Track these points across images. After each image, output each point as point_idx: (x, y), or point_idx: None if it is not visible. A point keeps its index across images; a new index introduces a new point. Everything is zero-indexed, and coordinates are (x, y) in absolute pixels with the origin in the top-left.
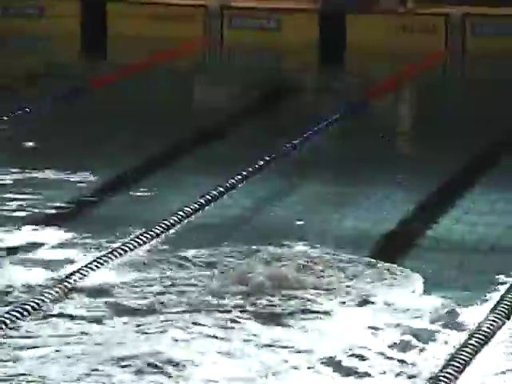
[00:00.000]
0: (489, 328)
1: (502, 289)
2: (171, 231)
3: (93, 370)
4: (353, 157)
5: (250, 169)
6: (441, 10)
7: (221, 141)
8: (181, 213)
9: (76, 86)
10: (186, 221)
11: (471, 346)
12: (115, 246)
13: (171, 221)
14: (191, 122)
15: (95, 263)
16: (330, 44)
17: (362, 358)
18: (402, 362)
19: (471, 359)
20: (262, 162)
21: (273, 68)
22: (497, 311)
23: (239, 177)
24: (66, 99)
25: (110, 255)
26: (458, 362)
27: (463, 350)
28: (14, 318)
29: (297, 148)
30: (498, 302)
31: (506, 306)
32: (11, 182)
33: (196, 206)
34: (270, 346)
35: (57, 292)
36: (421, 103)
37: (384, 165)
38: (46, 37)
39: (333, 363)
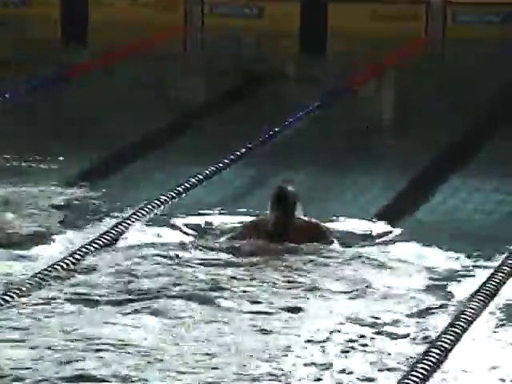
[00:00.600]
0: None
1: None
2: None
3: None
4: (334, 144)
5: (231, 156)
6: None
7: (200, 128)
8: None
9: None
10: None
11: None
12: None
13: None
14: (170, 110)
15: None
16: (311, 31)
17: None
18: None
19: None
20: (243, 150)
21: (254, 55)
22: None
23: (218, 165)
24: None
25: None
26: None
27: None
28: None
29: (276, 135)
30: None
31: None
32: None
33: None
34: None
35: None
36: (402, 90)
37: (366, 153)
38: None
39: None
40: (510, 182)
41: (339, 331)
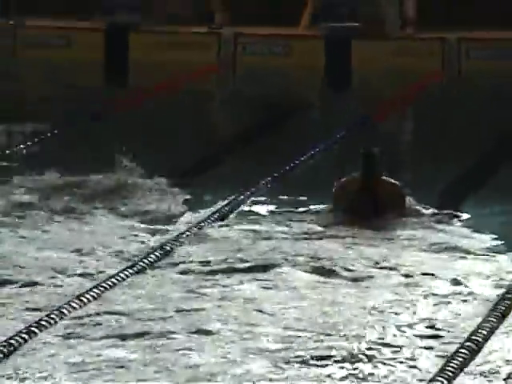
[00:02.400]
0: None
1: None
2: None
3: None
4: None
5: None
6: (438, 35)
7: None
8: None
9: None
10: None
11: None
12: None
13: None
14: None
15: None
16: (336, 68)
17: None
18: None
19: None
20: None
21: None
22: None
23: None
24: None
25: None
26: None
27: None
28: None
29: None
30: None
31: None
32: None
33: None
34: None
35: None
36: (422, 121)
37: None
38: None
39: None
40: None
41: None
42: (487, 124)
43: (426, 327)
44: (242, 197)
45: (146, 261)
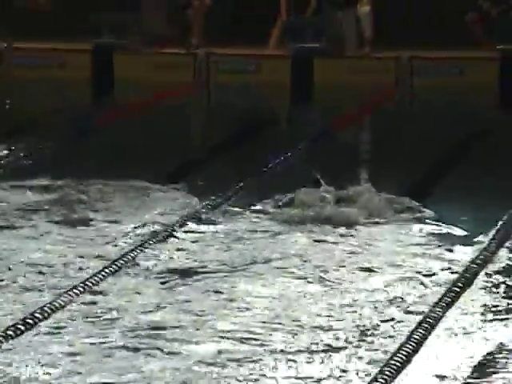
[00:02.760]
0: None
1: None
2: None
3: None
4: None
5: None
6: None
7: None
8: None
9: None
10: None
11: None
12: None
13: None
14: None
15: None
16: (300, 84)
17: None
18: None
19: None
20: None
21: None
22: None
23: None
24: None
25: None
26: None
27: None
28: None
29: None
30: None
31: None
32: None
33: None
34: None
35: None
36: (376, 132)
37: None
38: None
39: None
40: None
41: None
42: (436, 136)
43: (397, 310)
44: (220, 200)
45: (123, 262)
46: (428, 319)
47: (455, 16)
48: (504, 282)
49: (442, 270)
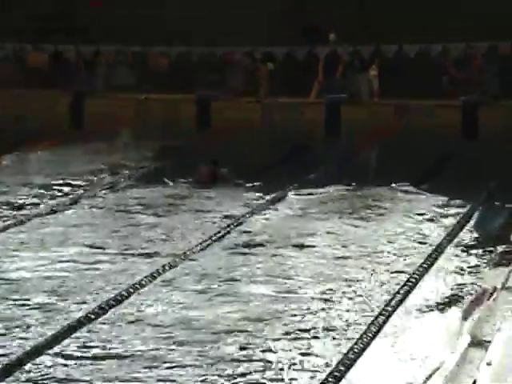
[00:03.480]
0: None
1: None
2: None
3: None
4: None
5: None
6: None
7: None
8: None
9: None
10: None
11: None
12: None
13: None
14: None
15: None
16: (332, 123)
17: None
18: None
19: None
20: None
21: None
22: None
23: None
24: None
25: None
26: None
27: None
28: None
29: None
30: None
31: None
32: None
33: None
34: None
35: None
36: (383, 151)
37: None
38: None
39: None
40: None
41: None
42: (420, 152)
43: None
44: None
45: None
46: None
47: (433, 76)
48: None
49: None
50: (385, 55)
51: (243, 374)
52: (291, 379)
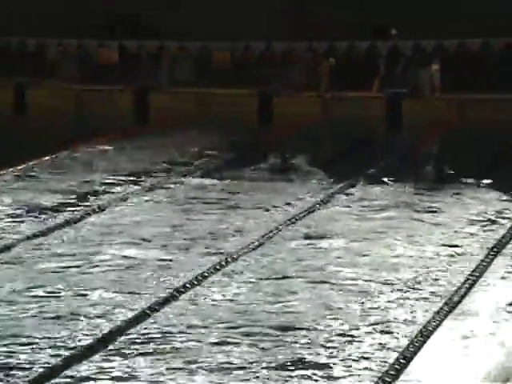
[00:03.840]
0: None
1: None
2: None
3: None
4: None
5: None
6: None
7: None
8: None
9: None
10: None
11: None
12: None
13: None
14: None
15: None
16: (394, 116)
17: None
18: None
19: None
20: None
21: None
22: None
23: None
24: None
25: None
26: None
27: None
28: None
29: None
30: None
31: None
32: None
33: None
34: None
35: None
36: (442, 144)
37: None
38: None
39: None
40: None
41: None
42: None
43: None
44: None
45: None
46: None
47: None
48: None
49: None
50: (446, 50)
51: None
52: (340, 377)
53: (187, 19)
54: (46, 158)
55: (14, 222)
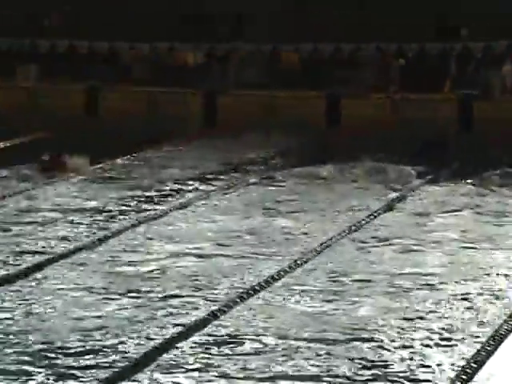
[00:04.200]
0: None
1: None
2: None
3: None
4: None
5: None
6: None
7: None
8: None
9: None
10: None
11: None
12: None
13: None
14: None
15: None
16: (465, 118)
17: None
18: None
19: None
20: None
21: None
22: None
23: None
24: None
25: None
26: None
27: None
28: None
29: None
30: None
31: None
32: None
33: None
34: None
35: None
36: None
37: None
38: None
39: None
40: None
41: None
42: None
43: None
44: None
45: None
46: None
47: None
48: None
49: None
50: None
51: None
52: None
53: (254, 20)
54: (119, 159)
55: (98, 220)
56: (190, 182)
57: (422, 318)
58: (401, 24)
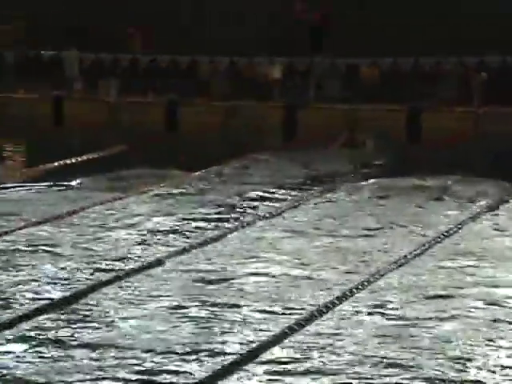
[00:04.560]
0: None
1: None
2: None
3: None
4: None
5: None
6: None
7: None
8: None
9: None
10: None
11: None
12: None
13: None
14: None
15: None
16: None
17: None
18: None
19: None
20: None
21: None
22: None
23: None
24: None
25: None
26: None
27: None
28: None
29: None
30: None
31: None
32: None
33: None
34: None
35: None
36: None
37: None
38: None
39: None
40: None
41: None
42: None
43: None
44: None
45: None
46: None
47: None
48: None
49: None
50: None
51: None
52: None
53: (336, 36)
54: (198, 173)
55: (177, 233)
56: (267, 195)
57: None
58: (482, 38)
